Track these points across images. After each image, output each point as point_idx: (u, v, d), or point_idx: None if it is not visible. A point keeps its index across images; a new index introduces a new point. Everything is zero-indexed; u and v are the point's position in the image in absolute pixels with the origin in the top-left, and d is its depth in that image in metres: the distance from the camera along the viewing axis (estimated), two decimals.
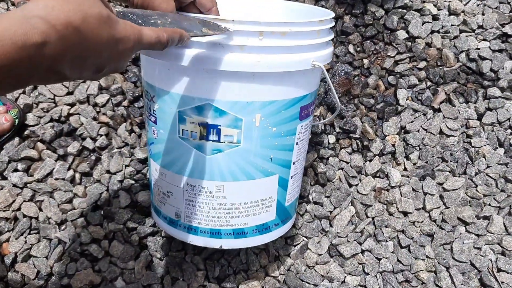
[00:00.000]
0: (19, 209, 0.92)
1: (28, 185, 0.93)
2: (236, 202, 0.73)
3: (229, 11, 0.86)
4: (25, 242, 0.90)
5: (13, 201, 0.92)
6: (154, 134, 0.73)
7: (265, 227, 0.77)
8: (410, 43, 1.08)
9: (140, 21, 0.48)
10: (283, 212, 0.79)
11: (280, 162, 0.72)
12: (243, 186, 0.71)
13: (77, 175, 0.96)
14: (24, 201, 0.92)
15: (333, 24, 0.70)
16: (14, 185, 0.93)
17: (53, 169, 0.94)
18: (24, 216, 0.92)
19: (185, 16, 0.55)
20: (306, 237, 0.97)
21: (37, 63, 0.32)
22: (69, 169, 0.95)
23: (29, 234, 0.91)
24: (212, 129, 0.67)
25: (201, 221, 0.75)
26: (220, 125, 0.66)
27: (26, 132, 0.96)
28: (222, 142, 0.67)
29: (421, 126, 1.04)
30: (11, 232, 0.90)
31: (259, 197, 0.74)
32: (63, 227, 0.92)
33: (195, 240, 0.77)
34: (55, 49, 0.33)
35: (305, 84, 0.68)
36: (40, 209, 0.92)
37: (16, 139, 0.95)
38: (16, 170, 0.94)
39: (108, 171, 0.97)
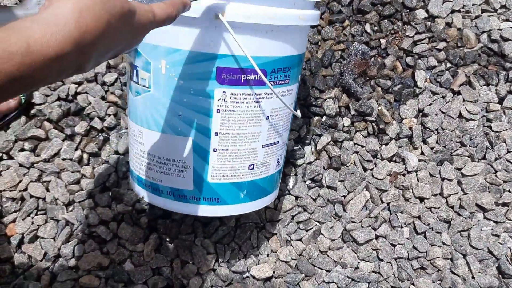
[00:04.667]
0: (25, 189, 0.90)
1: (35, 165, 0.91)
2: (151, 153, 0.70)
3: None
4: (32, 223, 0.88)
5: (20, 181, 0.90)
6: None
7: (180, 194, 0.70)
8: (429, 23, 1.04)
9: None
10: (206, 188, 0.70)
11: (193, 125, 0.66)
12: (156, 137, 0.68)
13: (85, 156, 0.93)
14: (31, 181, 0.90)
15: None
16: (21, 165, 0.91)
17: (61, 149, 0.92)
18: (31, 196, 0.90)
19: None
20: (318, 222, 0.95)
21: (68, 66, 0.34)
22: (76, 149, 0.93)
23: (36, 214, 0.89)
24: (135, 70, 0.67)
25: (133, 165, 0.76)
26: (138, 67, 0.66)
27: (33, 111, 0.94)
28: (140, 85, 0.67)
29: (439, 109, 1.00)
30: (17, 212, 0.88)
31: (171, 156, 0.68)
32: (70, 208, 0.90)
33: (131, 183, 0.79)
34: (84, 52, 0.34)
35: (220, 42, 0.60)
36: (47, 190, 0.90)
37: (23, 118, 0.93)
38: (22, 150, 0.92)
39: (116, 152, 0.94)
